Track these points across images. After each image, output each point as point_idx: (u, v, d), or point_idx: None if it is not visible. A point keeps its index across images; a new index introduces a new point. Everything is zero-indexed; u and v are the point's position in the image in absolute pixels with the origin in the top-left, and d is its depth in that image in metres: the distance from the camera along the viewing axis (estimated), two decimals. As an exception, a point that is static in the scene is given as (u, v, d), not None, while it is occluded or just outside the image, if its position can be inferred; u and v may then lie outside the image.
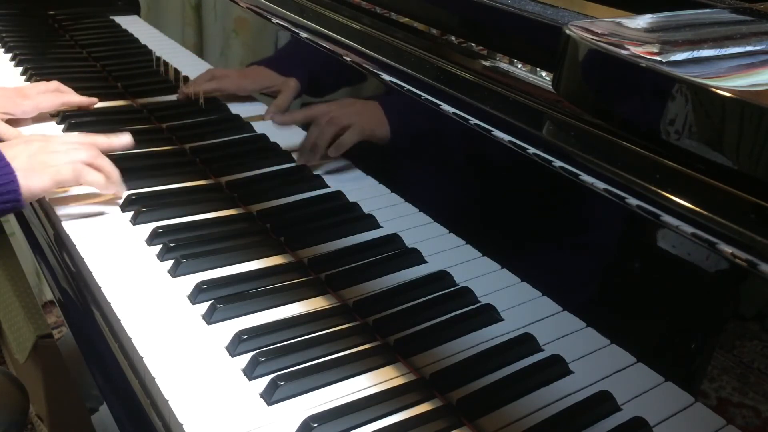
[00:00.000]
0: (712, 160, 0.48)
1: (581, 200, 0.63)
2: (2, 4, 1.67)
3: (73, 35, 1.58)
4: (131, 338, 0.73)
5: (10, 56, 1.45)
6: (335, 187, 0.96)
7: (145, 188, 0.99)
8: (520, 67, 0.69)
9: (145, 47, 1.41)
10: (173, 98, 1.27)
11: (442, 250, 0.81)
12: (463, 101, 0.71)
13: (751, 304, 0.51)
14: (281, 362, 0.70)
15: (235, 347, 0.72)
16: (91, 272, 0.82)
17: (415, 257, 0.84)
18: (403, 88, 0.78)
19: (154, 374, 0.68)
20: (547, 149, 0.62)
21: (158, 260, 0.85)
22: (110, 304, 0.78)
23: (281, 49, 1.05)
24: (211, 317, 0.76)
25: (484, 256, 0.76)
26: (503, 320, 0.74)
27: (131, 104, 1.30)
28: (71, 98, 1.20)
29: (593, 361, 0.65)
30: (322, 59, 0.93)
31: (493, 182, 0.75)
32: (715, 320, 0.55)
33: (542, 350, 0.70)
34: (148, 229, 0.90)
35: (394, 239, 0.86)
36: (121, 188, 0.96)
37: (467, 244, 0.78)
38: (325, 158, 0.96)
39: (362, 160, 0.91)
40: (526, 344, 0.71)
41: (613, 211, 0.58)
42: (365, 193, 0.92)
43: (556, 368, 0.68)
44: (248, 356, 0.71)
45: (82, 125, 1.16)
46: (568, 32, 0.55)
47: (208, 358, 0.71)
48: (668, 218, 0.51)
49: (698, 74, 0.48)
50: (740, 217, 0.47)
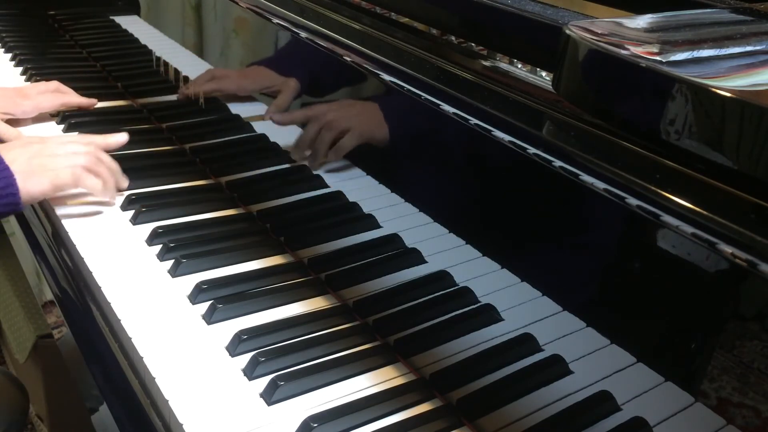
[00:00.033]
0: (712, 160, 0.48)
1: (581, 200, 0.63)
2: (2, 4, 1.67)
3: (73, 35, 1.58)
4: (131, 338, 0.73)
5: (10, 56, 1.45)
6: (335, 187, 0.96)
7: (145, 188, 0.99)
8: (520, 67, 0.69)
9: (145, 47, 1.41)
10: (173, 98, 1.27)
11: (442, 250, 0.81)
12: (463, 101, 0.71)
13: (751, 304, 0.51)
14: (281, 362, 0.70)
15: (235, 347, 0.72)
16: (91, 272, 0.82)
17: (415, 257, 0.84)
18: (403, 88, 0.78)
19: (154, 374, 0.68)
20: (547, 149, 0.62)
21: (158, 260, 0.85)
22: (110, 304, 0.78)
23: (281, 49, 1.05)
24: (211, 317, 0.76)
25: (484, 256, 0.76)
26: (503, 320, 0.74)
27: (131, 104, 1.30)
28: (71, 99, 1.20)
29: (593, 361, 0.65)
30: (322, 59, 0.93)
31: (493, 182, 0.75)
32: (715, 320, 0.55)
33: (542, 350, 0.70)
34: (148, 229, 0.90)
35: (394, 239, 0.86)
36: (114, 195, 0.96)
37: (467, 244, 0.78)
38: (324, 162, 0.96)
39: (362, 159, 0.91)
40: (526, 344, 0.71)
41: (613, 211, 0.58)
42: (365, 193, 0.92)
43: (556, 368, 0.68)
44: (248, 356, 0.71)
45: (82, 125, 1.16)
46: (568, 32, 0.55)
47: (208, 358, 0.71)
48: (668, 218, 0.51)
49: (698, 74, 0.48)
50: (740, 217, 0.47)
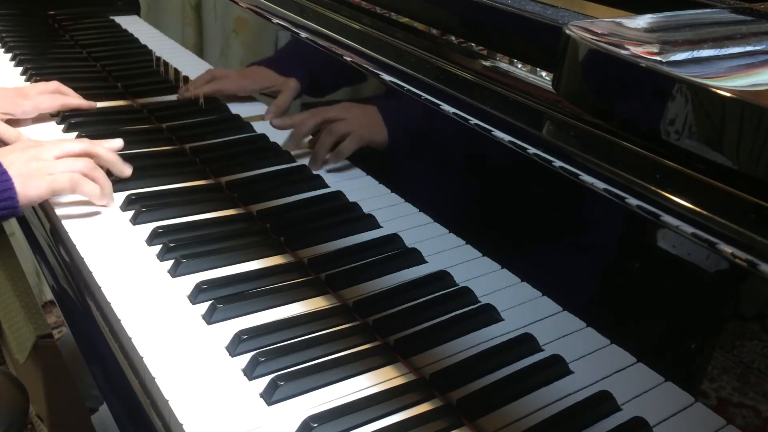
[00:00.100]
0: (712, 160, 0.48)
1: (581, 200, 0.63)
2: (2, 4, 1.67)
3: (73, 35, 1.58)
4: (131, 338, 0.73)
5: (10, 56, 1.45)
6: (335, 187, 0.96)
7: (145, 188, 0.99)
8: (520, 67, 0.69)
9: (145, 47, 1.41)
10: (173, 98, 1.27)
11: (442, 250, 0.81)
12: (463, 101, 0.71)
13: (751, 304, 0.51)
14: (281, 362, 0.70)
15: (235, 347, 0.72)
16: (91, 272, 0.82)
17: (415, 257, 0.84)
18: (403, 88, 0.78)
19: (154, 374, 0.68)
20: (547, 149, 0.62)
21: (158, 260, 0.85)
22: (110, 304, 0.78)
23: (281, 49, 1.05)
24: (211, 317, 0.76)
25: (484, 256, 0.76)
26: (503, 320, 0.74)
27: (131, 104, 1.30)
28: (71, 100, 1.20)
29: (593, 361, 0.65)
30: (322, 59, 0.93)
31: (493, 182, 0.75)
32: (715, 320, 0.55)
33: (542, 350, 0.70)
34: (148, 229, 0.90)
35: (394, 239, 0.86)
36: (111, 200, 0.96)
37: (467, 244, 0.78)
38: (324, 165, 0.96)
39: (362, 159, 0.91)
40: (526, 344, 0.71)
41: (613, 211, 0.58)
42: (365, 193, 0.92)
43: (556, 368, 0.68)
44: (248, 356, 0.71)
45: (82, 125, 1.16)
46: (568, 32, 0.55)
47: (208, 358, 0.71)
48: (668, 218, 0.51)
49: (698, 74, 0.48)
50: (740, 217, 0.47)
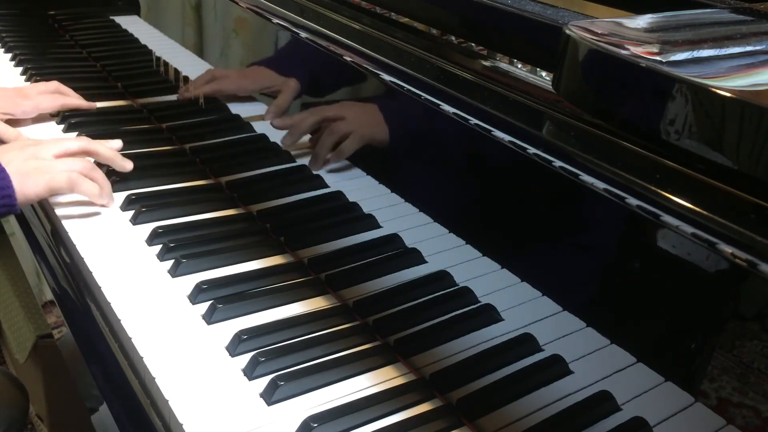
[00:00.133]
0: (712, 160, 0.48)
1: (581, 200, 0.63)
2: (2, 4, 1.67)
3: (73, 35, 1.58)
4: (131, 338, 0.73)
5: (10, 56, 1.45)
6: (335, 187, 0.96)
7: (145, 188, 0.99)
8: (520, 67, 0.69)
9: (145, 47, 1.41)
10: (173, 98, 1.27)
11: (442, 250, 0.81)
12: (463, 101, 0.71)
13: (751, 304, 0.51)
14: (281, 362, 0.70)
15: (235, 347, 0.72)
16: (91, 272, 0.82)
17: (415, 257, 0.84)
18: (403, 88, 0.78)
19: (154, 374, 0.68)
20: (547, 149, 0.62)
21: (158, 260, 0.85)
22: (110, 304, 0.78)
23: (281, 49, 1.05)
24: (211, 317, 0.76)
25: (484, 256, 0.76)
26: (503, 320, 0.74)
27: (131, 104, 1.30)
28: (71, 101, 1.20)
29: (593, 361, 0.65)
30: (322, 59, 0.93)
31: (493, 182, 0.75)
32: (715, 320, 0.55)
33: (542, 350, 0.70)
34: (148, 229, 0.90)
35: (394, 239, 0.86)
36: (111, 199, 0.95)
37: (467, 244, 0.78)
38: (325, 165, 0.96)
39: (362, 159, 0.91)
40: (526, 344, 0.71)
41: (613, 211, 0.58)
42: (365, 193, 0.92)
43: (556, 368, 0.68)
44: (248, 356, 0.71)
45: (82, 125, 1.16)
46: (568, 32, 0.55)
47: (208, 358, 0.71)
48: (668, 218, 0.51)
49: (698, 74, 0.48)
50: (740, 217, 0.47)
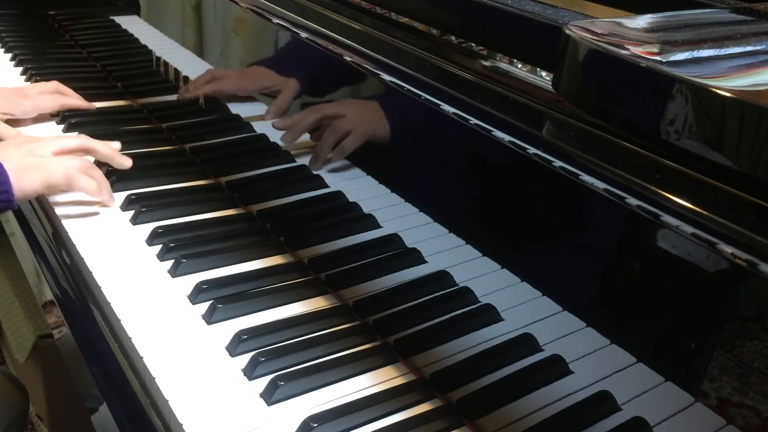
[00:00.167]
0: (712, 160, 0.48)
1: (581, 200, 0.63)
2: (2, 4, 1.67)
3: (73, 35, 1.58)
4: (131, 338, 0.73)
5: (10, 56, 1.45)
6: (335, 187, 0.96)
7: (145, 188, 0.99)
8: (520, 67, 0.69)
9: (145, 47, 1.41)
10: (173, 98, 1.27)
11: (442, 250, 0.81)
12: (463, 101, 0.71)
13: (751, 304, 0.51)
14: (281, 362, 0.70)
15: (235, 347, 0.72)
16: (91, 272, 0.82)
17: (415, 257, 0.84)
18: (403, 88, 0.78)
19: (154, 374, 0.68)
20: (547, 149, 0.62)
21: (158, 260, 0.85)
22: (110, 304, 0.78)
23: (281, 49, 1.05)
24: (211, 317, 0.76)
25: (484, 256, 0.76)
26: (503, 320, 0.74)
27: (131, 104, 1.30)
28: (71, 101, 1.20)
29: (593, 361, 0.65)
30: (322, 59, 0.93)
31: (493, 182, 0.75)
32: (715, 320, 0.55)
33: (542, 350, 0.70)
34: (148, 229, 0.90)
35: (394, 239, 0.86)
36: (111, 199, 0.95)
37: (467, 244, 0.78)
38: (326, 163, 0.96)
39: (362, 159, 0.91)
40: (526, 344, 0.71)
41: (613, 211, 0.58)
42: (365, 193, 0.92)
43: (556, 368, 0.68)
44: (248, 356, 0.71)
45: (82, 125, 1.16)
46: (568, 32, 0.55)
47: (208, 358, 0.71)
48: (668, 218, 0.51)
49: (698, 74, 0.48)
50: (740, 217, 0.47)
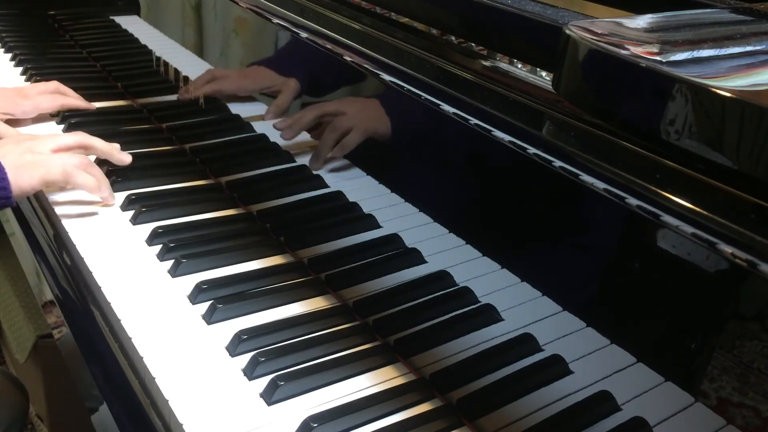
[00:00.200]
0: (712, 160, 0.48)
1: (581, 200, 0.63)
2: (2, 4, 1.67)
3: (73, 35, 1.58)
4: (131, 338, 0.73)
5: (10, 56, 1.45)
6: (335, 187, 0.96)
7: (145, 188, 0.99)
8: (520, 67, 0.69)
9: (145, 47, 1.41)
10: (173, 98, 1.27)
11: (442, 250, 0.81)
12: (463, 101, 0.71)
13: (751, 304, 0.51)
14: (281, 362, 0.70)
15: (235, 347, 0.72)
16: (91, 272, 0.82)
17: (415, 257, 0.84)
18: (403, 88, 0.78)
19: (154, 374, 0.68)
20: (547, 149, 0.62)
21: (158, 260, 0.85)
22: (110, 304, 0.78)
23: (281, 49, 1.05)
24: (211, 317, 0.76)
25: (484, 256, 0.76)
26: (503, 320, 0.74)
27: (131, 104, 1.30)
28: (70, 101, 1.20)
29: (593, 361, 0.65)
30: (322, 59, 0.93)
31: (493, 182, 0.75)
32: (715, 320, 0.55)
33: (542, 350, 0.70)
34: (148, 229, 0.90)
35: (394, 239, 0.86)
36: (111, 196, 0.95)
37: (467, 244, 0.78)
38: (327, 162, 0.96)
39: (362, 159, 0.91)
40: (526, 344, 0.71)
41: (613, 211, 0.58)
42: (365, 193, 0.92)
43: (556, 368, 0.68)
44: (248, 356, 0.71)
45: (82, 125, 1.16)
46: (568, 32, 0.55)
47: (208, 358, 0.71)
48: (668, 218, 0.51)
49: (698, 74, 0.48)
50: (740, 217, 0.47)
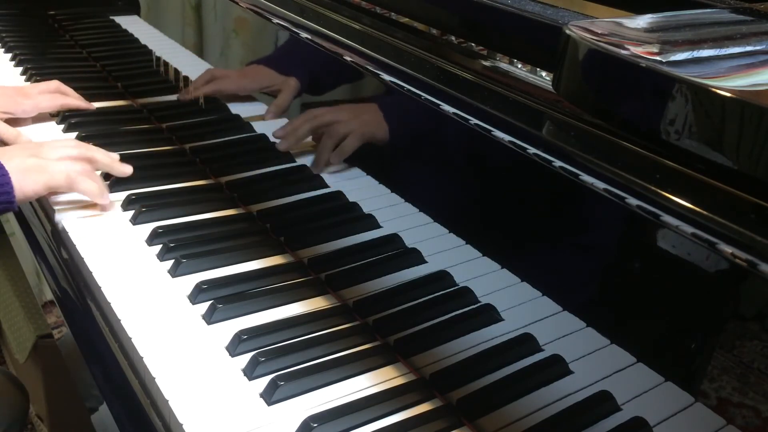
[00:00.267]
0: (712, 160, 0.48)
1: (581, 200, 0.63)
2: (2, 4, 1.67)
3: (73, 35, 1.58)
4: (131, 338, 0.73)
5: (10, 56, 1.45)
6: (335, 187, 0.96)
7: (145, 188, 0.99)
8: (520, 67, 0.69)
9: (145, 47, 1.41)
10: (173, 98, 1.27)
11: (442, 250, 0.81)
12: (463, 101, 0.71)
13: (751, 304, 0.51)
14: (281, 362, 0.70)
15: (235, 347, 0.72)
16: (91, 272, 0.82)
17: (415, 257, 0.84)
18: (403, 88, 0.78)
19: (154, 374, 0.68)
20: (547, 149, 0.62)
21: (158, 260, 0.85)
22: (110, 304, 0.78)
23: (281, 47, 1.05)
24: (211, 317, 0.76)
25: (484, 256, 0.76)
26: (503, 320, 0.74)
27: (131, 104, 1.30)
28: (71, 102, 1.20)
29: (593, 361, 0.65)
30: (322, 58, 0.93)
31: (493, 182, 0.75)
32: (715, 320, 0.55)
33: (542, 350, 0.70)
34: (148, 229, 0.90)
35: (394, 239, 0.86)
36: (111, 204, 0.95)
37: (467, 244, 0.78)
38: (327, 167, 0.96)
39: (362, 159, 0.91)
40: (526, 344, 0.71)
41: (613, 211, 0.58)
42: (365, 193, 0.92)
43: (556, 368, 0.68)
44: (248, 356, 0.71)
45: (82, 125, 1.16)
46: (568, 32, 0.55)
47: (208, 358, 0.71)
48: (668, 218, 0.51)
49: (698, 74, 0.48)
50: (740, 217, 0.47)
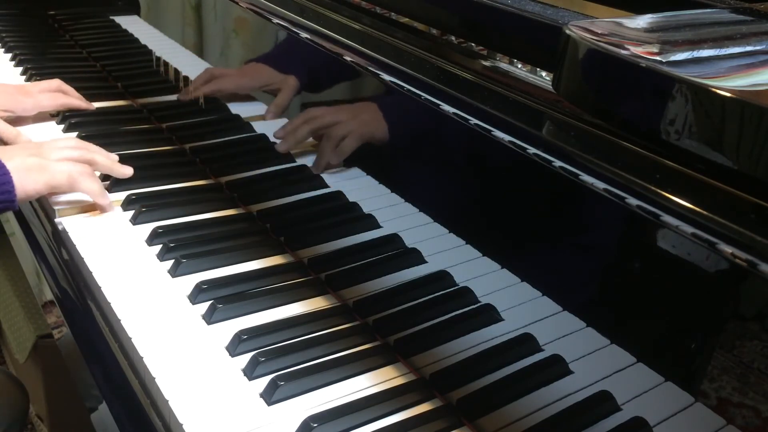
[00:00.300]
0: (712, 160, 0.48)
1: (581, 200, 0.63)
2: (2, 4, 1.67)
3: (73, 35, 1.58)
4: (131, 338, 0.73)
5: (10, 56, 1.45)
6: (335, 187, 0.96)
7: (145, 188, 0.99)
8: (520, 67, 0.69)
9: (145, 47, 1.41)
10: (173, 98, 1.27)
11: (442, 250, 0.81)
12: (463, 101, 0.71)
13: (751, 304, 0.51)
14: (281, 362, 0.70)
15: (235, 347, 0.72)
16: (91, 272, 0.82)
17: (415, 257, 0.84)
18: (403, 88, 0.78)
19: (154, 374, 0.68)
20: (547, 149, 0.62)
21: (158, 260, 0.85)
22: (110, 304, 0.78)
23: (279, 46, 1.05)
24: (211, 317, 0.76)
25: (484, 256, 0.76)
26: (503, 320, 0.74)
27: (131, 104, 1.30)
28: (71, 101, 1.20)
29: (593, 361, 0.65)
30: (321, 58, 0.93)
31: (493, 182, 0.75)
32: (715, 320, 0.55)
33: (542, 350, 0.70)
34: (148, 229, 0.90)
35: (394, 239, 0.86)
36: (110, 205, 0.95)
37: (467, 244, 0.78)
38: (327, 168, 0.96)
39: (362, 159, 0.91)
40: (526, 344, 0.71)
41: (613, 211, 0.58)
42: (365, 193, 0.92)
43: (556, 368, 0.68)
44: (248, 356, 0.71)
45: (82, 125, 1.16)
46: (568, 32, 0.55)
47: (208, 358, 0.71)
48: (668, 218, 0.51)
49: (698, 74, 0.48)
50: (740, 217, 0.47)
